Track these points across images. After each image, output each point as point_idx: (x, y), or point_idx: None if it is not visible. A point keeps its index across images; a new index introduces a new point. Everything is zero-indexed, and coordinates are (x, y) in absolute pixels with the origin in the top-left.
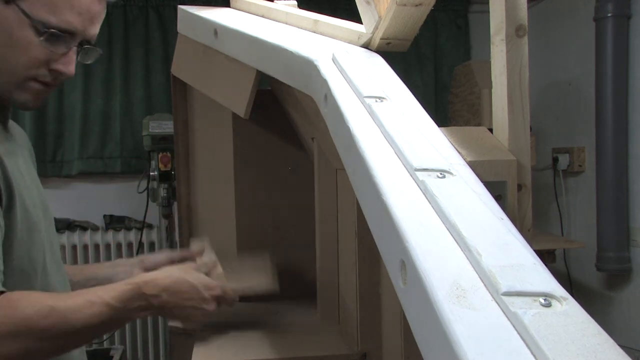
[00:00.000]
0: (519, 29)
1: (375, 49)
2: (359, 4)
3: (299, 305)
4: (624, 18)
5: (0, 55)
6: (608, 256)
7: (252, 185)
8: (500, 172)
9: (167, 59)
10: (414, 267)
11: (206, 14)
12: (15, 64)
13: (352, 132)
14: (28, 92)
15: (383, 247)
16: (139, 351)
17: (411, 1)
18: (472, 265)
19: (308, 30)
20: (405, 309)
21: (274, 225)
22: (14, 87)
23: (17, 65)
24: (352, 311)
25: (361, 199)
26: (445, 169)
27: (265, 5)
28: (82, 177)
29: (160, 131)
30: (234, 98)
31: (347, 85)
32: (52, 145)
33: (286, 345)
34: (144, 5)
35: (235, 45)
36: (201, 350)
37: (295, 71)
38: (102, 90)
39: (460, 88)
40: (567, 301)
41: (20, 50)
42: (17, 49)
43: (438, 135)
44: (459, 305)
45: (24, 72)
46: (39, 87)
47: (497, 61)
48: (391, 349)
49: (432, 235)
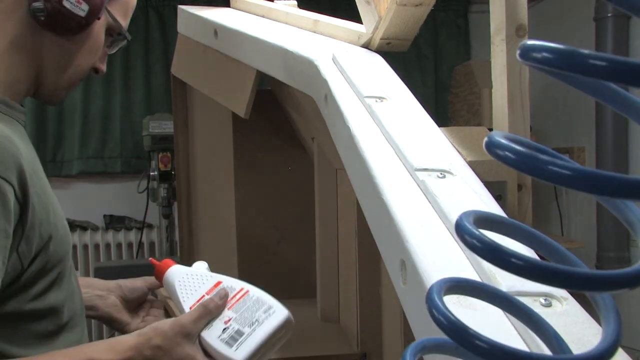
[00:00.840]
0: (519, 29)
1: (375, 49)
2: (359, 4)
3: (299, 305)
4: (624, 18)
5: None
6: (608, 256)
7: (252, 185)
8: (500, 172)
9: (167, 59)
10: (414, 267)
11: (206, 14)
12: (84, 66)
13: (352, 132)
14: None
15: (383, 247)
16: None
17: (411, 1)
18: (473, 265)
19: (308, 30)
20: (405, 309)
21: (274, 225)
22: (66, 87)
23: (85, 67)
24: (352, 311)
25: (361, 199)
26: (445, 169)
27: (265, 5)
28: (82, 177)
29: (160, 131)
30: (234, 98)
31: (347, 86)
32: (52, 145)
33: (286, 345)
34: (144, 5)
35: (235, 45)
36: None
37: (295, 71)
38: (102, 90)
39: (460, 88)
40: (567, 301)
41: (93, 53)
42: (91, 53)
43: (438, 135)
44: (460, 305)
45: (84, 74)
46: (78, 85)
47: (497, 61)
48: (391, 349)
49: (432, 235)
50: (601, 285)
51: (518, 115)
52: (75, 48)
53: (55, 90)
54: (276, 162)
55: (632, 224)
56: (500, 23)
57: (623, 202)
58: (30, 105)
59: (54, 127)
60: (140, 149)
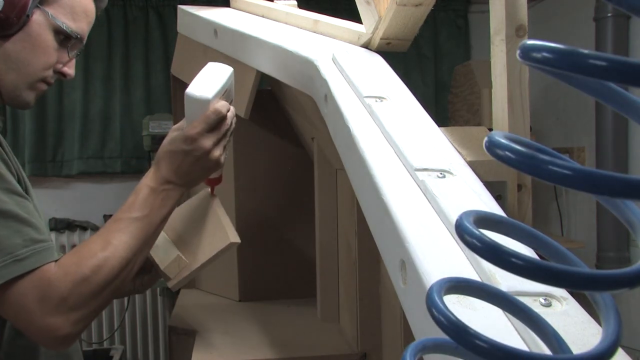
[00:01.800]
0: (519, 29)
1: (375, 49)
2: (359, 4)
3: (299, 305)
4: (624, 18)
5: (23, 57)
6: (608, 256)
7: (252, 185)
8: (500, 172)
9: (167, 59)
10: (414, 267)
11: (206, 14)
12: (35, 66)
13: (352, 132)
14: (35, 93)
15: (383, 247)
16: (139, 351)
17: (411, 1)
18: (473, 265)
19: (308, 30)
20: (405, 309)
21: (274, 225)
22: (26, 88)
23: (36, 67)
24: (352, 311)
25: (361, 199)
26: (445, 169)
27: (265, 5)
28: (82, 177)
29: (160, 131)
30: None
31: (347, 85)
32: (52, 145)
33: (286, 345)
34: (144, 5)
35: (235, 45)
36: (201, 350)
37: (295, 71)
38: (102, 90)
39: (460, 88)
40: (567, 301)
41: (40, 53)
42: (38, 52)
43: (438, 135)
44: (460, 305)
45: (39, 73)
46: (44, 88)
47: (497, 61)
48: (391, 349)
49: (432, 235)
50: (601, 285)
51: (518, 115)
52: (17, 48)
53: (15, 91)
54: (276, 162)
55: (632, 224)
56: (500, 23)
57: (623, 202)
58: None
59: (54, 127)
60: (140, 149)
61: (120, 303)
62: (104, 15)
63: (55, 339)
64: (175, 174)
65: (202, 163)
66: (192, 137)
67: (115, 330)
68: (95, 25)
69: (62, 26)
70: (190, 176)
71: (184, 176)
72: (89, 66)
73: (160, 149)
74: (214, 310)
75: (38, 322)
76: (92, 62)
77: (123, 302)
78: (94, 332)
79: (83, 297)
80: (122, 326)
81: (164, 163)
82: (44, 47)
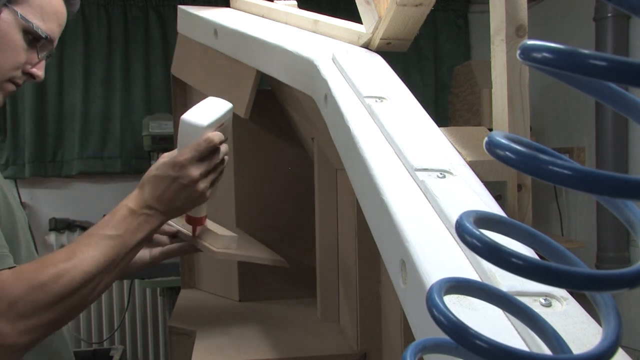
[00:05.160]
0: (519, 29)
1: (375, 49)
2: (359, 4)
3: (299, 305)
4: (624, 18)
5: None
6: (608, 256)
7: (252, 185)
8: (500, 172)
9: (167, 59)
10: (414, 267)
11: (206, 14)
12: (3, 65)
13: (352, 132)
14: (2, 93)
15: (383, 247)
16: (139, 351)
17: (411, 1)
18: (473, 265)
19: (308, 30)
20: (405, 309)
21: (274, 225)
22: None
23: (4, 67)
24: (352, 311)
25: (361, 199)
26: (445, 169)
27: (265, 5)
28: (82, 177)
29: (160, 131)
30: (234, 98)
31: (347, 85)
32: (52, 145)
33: (286, 345)
34: (144, 5)
35: (235, 45)
36: (201, 350)
37: (295, 71)
38: (102, 90)
39: (460, 88)
40: (567, 301)
41: (8, 52)
42: (6, 52)
43: (438, 135)
44: (460, 305)
45: (7, 73)
46: (12, 89)
47: (497, 61)
48: (391, 349)
49: (432, 235)
50: (601, 285)
51: (518, 115)
52: None
53: None
54: (276, 162)
55: (632, 224)
56: (500, 23)
57: (623, 202)
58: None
59: (54, 127)
60: (140, 149)
61: (120, 303)
62: (104, 15)
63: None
64: (158, 200)
65: (187, 192)
66: (180, 164)
67: (115, 330)
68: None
69: (32, 26)
70: (172, 204)
71: (166, 203)
72: (89, 66)
73: (147, 173)
74: (214, 310)
75: None
76: (92, 62)
77: (123, 302)
78: (94, 332)
79: (35, 306)
80: (122, 326)
81: (149, 187)
82: (13, 46)
